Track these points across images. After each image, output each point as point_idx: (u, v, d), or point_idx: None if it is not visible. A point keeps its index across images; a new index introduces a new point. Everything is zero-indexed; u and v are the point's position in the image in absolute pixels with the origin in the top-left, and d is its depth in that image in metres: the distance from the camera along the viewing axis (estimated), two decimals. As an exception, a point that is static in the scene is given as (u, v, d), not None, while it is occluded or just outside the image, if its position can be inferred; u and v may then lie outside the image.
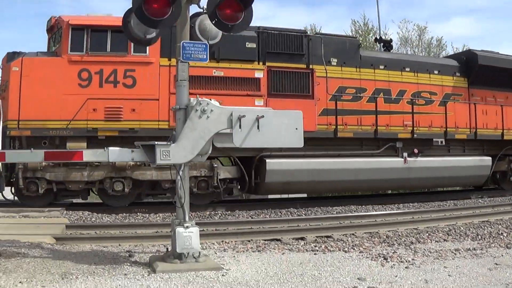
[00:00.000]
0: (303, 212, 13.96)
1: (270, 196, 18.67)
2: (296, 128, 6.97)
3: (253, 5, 7.12)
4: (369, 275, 6.48)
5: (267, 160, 14.67)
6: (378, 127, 16.35)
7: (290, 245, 9.16)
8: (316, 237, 10.04)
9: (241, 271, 6.67)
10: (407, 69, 17.41)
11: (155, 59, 14.01)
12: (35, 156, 7.12)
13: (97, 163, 13.31)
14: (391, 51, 20.23)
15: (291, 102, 14.77)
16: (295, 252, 8.35)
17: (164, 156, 6.57)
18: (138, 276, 6.21)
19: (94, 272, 6.27)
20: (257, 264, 7.11)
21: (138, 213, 13.41)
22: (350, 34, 30.85)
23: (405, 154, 16.54)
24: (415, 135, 16.91)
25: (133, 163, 13.10)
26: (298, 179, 15.25)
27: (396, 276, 6.41)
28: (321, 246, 8.92)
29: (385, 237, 10.10)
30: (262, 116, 6.72)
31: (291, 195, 19.11)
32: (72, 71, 13.44)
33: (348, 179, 15.88)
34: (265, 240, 9.65)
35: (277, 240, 9.72)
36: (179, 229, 6.63)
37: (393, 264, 7.18)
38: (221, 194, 14.80)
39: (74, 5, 77.12)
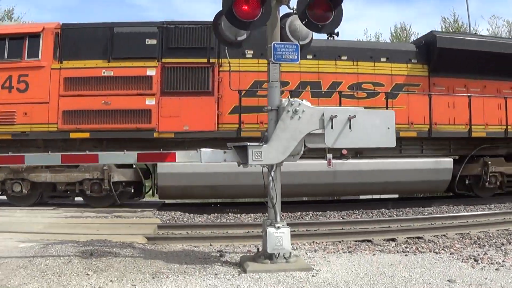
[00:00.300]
0: (394, 213, 13.88)
1: (361, 197, 18.24)
2: (388, 128, 6.99)
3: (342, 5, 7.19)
4: (459, 277, 6.42)
5: (158, 163, 13.53)
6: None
7: (380, 246, 9.20)
8: (407, 238, 9.98)
9: (331, 272, 6.70)
10: (344, 58, 15.39)
11: (47, 63, 13.94)
12: (128, 157, 7.39)
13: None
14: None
15: (186, 100, 14.10)
16: (386, 253, 8.36)
17: (256, 157, 6.77)
18: (228, 276, 6.33)
19: (184, 271, 6.40)
20: (347, 265, 7.14)
21: (230, 213, 13.67)
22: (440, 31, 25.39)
23: (329, 156, 14.19)
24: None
25: (26, 166, 13.08)
26: (196, 183, 14.05)
27: (486, 278, 6.32)
28: (412, 248, 8.90)
29: (476, 238, 9.89)
30: (354, 116, 6.79)
31: (383, 196, 18.62)
32: None
33: (252, 183, 13.31)
34: (355, 241, 9.71)
35: (368, 241, 9.75)
36: (270, 230, 6.78)
37: (484, 266, 7.09)
38: (115, 198, 14.10)
39: (163, 8, 79.21)
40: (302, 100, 6.96)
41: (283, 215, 8.12)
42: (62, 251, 7.45)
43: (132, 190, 14.79)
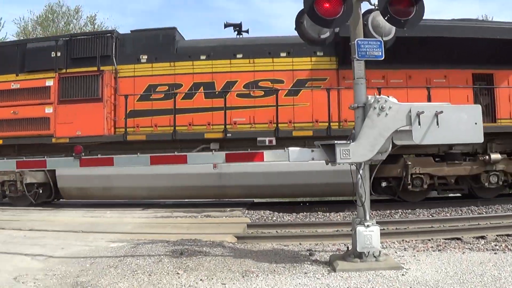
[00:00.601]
0: (484, 210, 13.53)
1: (451, 194, 16.88)
2: (476, 123, 6.89)
3: (426, -1, 7.04)
4: (549, 274, 6.22)
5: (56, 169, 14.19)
6: (177, 128, 14.53)
7: (470, 244, 9.13)
8: (497, 235, 9.91)
9: (421, 270, 6.64)
10: (239, 56, 15.05)
11: None
12: (216, 157, 7.70)
13: None
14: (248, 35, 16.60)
15: (79, 107, 14.89)
16: (475, 251, 8.27)
17: (344, 155, 6.83)
18: (318, 274, 6.36)
19: (274, 270, 6.47)
20: (437, 264, 7.06)
21: (319, 212, 13.69)
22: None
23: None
24: (228, 135, 14.32)
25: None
26: (92, 185, 14.64)
27: None
28: (501, 245, 8.85)
29: None
30: (441, 112, 6.77)
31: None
32: None
33: (145, 185, 14.34)
34: (445, 239, 9.71)
35: (457, 239, 9.74)
36: (360, 228, 6.82)
37: None
38: (29, 198, 15.16)
39: (246, 10, 77.25)
40: (388, 97, 6.95)
41: (372, 214, 8.26)
42: (152, 250, 7.57)
43: (41, 191, 15.43)
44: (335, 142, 6.82)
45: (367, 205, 6.89)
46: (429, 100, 13.98)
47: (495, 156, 14.46)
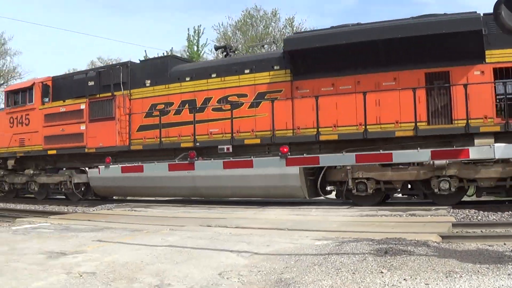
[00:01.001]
0: None
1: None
2: None
3: None
4: None
5: (87, 169, 19.61)
6: (163, 139, 17.39)
7: None
8: None
9: None
10: (214, 75, 17.04)
11: (37, 106, 21.01)
12: (421, 155, 8.29)
13: None
14: (234, 55, 19.94)
15: (100, 124, 19.01)
16: None
17: None
18: None
19: (478, 271, 6.30)
20: None
21: None
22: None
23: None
24: (197, 144, 16.61)
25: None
26: (117, 185, 18.29)
27: None
28: None
29: None
30: None
31: None
32: (5, 119, 21.98)
33: (148, 185, 17.31)
34: None
35: None
36: None
37: None
38: (76, 195, 20.19)
39: (444, 2, 70.71)
40: None
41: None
42: (357, 249, 7.52)
43: (83, 189, 20.25)
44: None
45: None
46: (378, 104, 14.37)
47: (439, 161, 13.35)
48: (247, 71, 16.57)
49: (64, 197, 21.24)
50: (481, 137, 13.11)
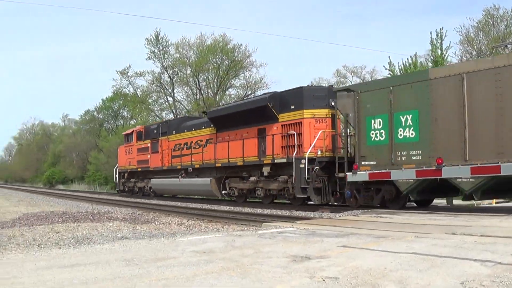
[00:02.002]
0: None
1: None
2: None
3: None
4: None
5: (150, 180, 34.58)
6: (175, 163, 31.15)
7: None
8: None
9: None
10: (193, 129, 29.90)
11: (134, 143, 36.67)
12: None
13: None
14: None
15: (153, 155, 33.97)
16: None
17: None
18: None
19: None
20: None
21: None
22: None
23: (180, 176, 30.14)
24: (182, 167, 29.92)
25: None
26: (161, 188, 33.50)
27: None
28: None
29: None
30: None
31: None
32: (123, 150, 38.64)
33: (172, 188, 32.88)
34: None
35: None
36: None
37: None
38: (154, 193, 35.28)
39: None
40: None
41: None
42: None
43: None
44: None
45: None
46: (242, 146, 24.27)
47: (253, 178, 24.11)
48: (203, 127, 28.70)
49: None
50: (266, 166, 22.83)
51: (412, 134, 16.35)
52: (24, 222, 15.97)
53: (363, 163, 17.67)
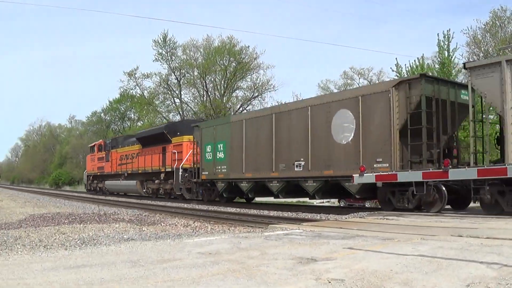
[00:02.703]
0: None
1: None
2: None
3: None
4: None
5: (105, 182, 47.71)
6: (118, 169, 43.92)
7: None
8: None
9: None
10: (130, 145, 41.79)
11: (96, 154, 50.42)
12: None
13: None
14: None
15: (107, 163, 46.75)
16: None
17: None
18: None
19: None
20: None
21: None
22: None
23: (121, 179, 42.69)
24: (122, 172, 42.44)
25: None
26: (111, 188, 46.15)
27: None
28: None
29: None
30: None
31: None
32: (90, 158, 53.12)
33: (117, 188, 44.66)
34: None
35: None
36: None
37: None
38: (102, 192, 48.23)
39: None
40: None
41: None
42: None
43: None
44: None
45: None
46: (151, 159, 37.71)
47: (157, 181, 36.89)
48: (135, 144, 40.15)
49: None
50: (163, 173, 35.62)
51: (223, 155, 26.86)
52: (30, 223, 16.03)
53: (203, 172, 28.59)
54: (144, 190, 38.53)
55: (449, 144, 19.08)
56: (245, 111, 49.96)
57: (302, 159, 21.46)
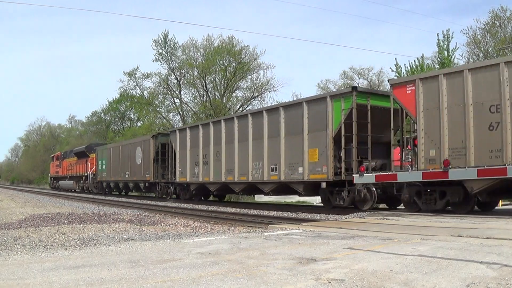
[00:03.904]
0: None
1: None
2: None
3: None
4: None
5: (60, 182, 67.23)
6: (66, 173, 62.66)
7: None
8: None
9: None
10: (70, 157, 58.45)
11: (54, 162, 71.20)
12: None
13: None
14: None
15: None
16: None
17: None
18: None
19: None
20: None
21: None
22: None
23: (66, 180, 62.16)
24: (66, 175, 61.66)
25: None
26: (63, 186, 64.02)
27: None
28: None
29: None
30: None
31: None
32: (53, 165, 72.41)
33: (65, 186, 62.72)
34: None
35: None
36: None
37: None
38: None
39: None
40: None
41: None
42: None
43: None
44: None
45: None
46: (80, 166, 56.34)
47: (81, 181, 55.32)
48: (72, 156, 57.60)
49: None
50: (85, 175, 54.88)
51: (104, 167, 45.59)
52: (30, 223, 16.02)
53: (99, 175, 46.55)
54: (77, 187, 56.09)
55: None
56: (245, 111, 49.79)
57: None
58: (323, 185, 20.12)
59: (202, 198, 32.38)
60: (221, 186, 27.42)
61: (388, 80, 19.17)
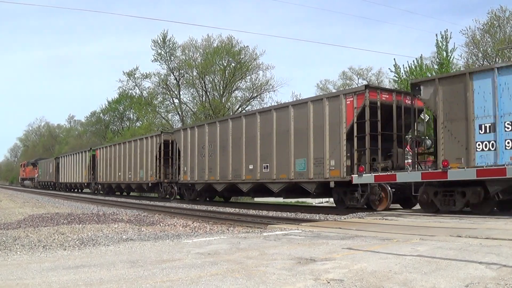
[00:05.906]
0: None
1: None
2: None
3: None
4: None
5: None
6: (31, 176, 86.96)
7: None
8: None
9: None
10: (32, 165, 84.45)
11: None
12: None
13: None
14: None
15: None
16: None
17: None
18: None
19: None
20: None
21: None
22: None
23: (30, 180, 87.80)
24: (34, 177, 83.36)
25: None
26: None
27: None
28: None
29: None
30: None
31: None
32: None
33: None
34: None
35: None
36: None
37: None
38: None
39: None
40: None
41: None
42: None
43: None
44: None
45: None
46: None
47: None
48: (31, 165, 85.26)
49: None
50: None
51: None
52: (29, 224, 16.01)
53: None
54: (32, 185, 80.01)
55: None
56: (244, 111, 49.78)
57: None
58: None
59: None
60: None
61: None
